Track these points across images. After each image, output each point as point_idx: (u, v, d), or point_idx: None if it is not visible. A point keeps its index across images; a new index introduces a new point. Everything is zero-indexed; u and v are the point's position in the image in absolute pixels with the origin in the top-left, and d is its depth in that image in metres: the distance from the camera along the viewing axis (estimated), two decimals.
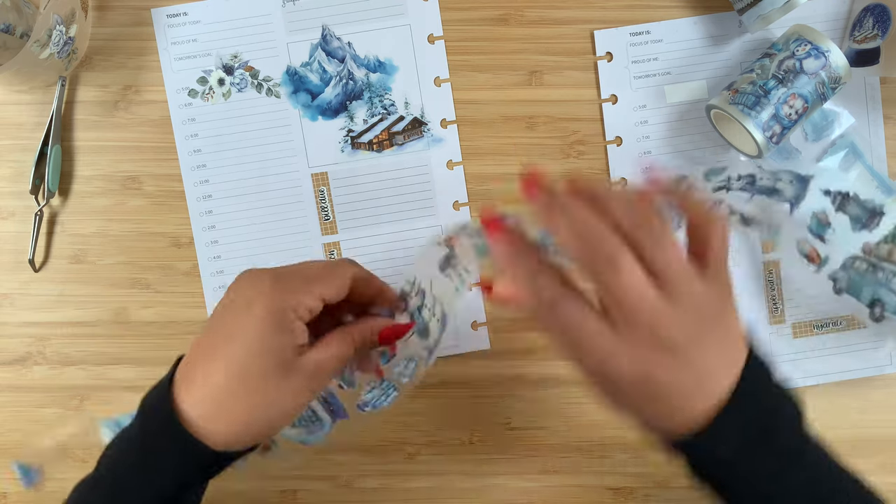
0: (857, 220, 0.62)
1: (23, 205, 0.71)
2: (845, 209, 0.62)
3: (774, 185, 0.62)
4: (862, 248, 0.62)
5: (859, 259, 0.63)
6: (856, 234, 0.62)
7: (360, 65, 0.71)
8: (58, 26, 0.64)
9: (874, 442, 0.72)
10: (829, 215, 0.62)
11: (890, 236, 0.61)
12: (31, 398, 0.72)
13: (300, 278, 0.49)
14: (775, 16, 0.66)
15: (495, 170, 0.72)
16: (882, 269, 0.62)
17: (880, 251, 0.62)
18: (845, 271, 0.64)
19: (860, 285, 0.63)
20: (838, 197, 0.61)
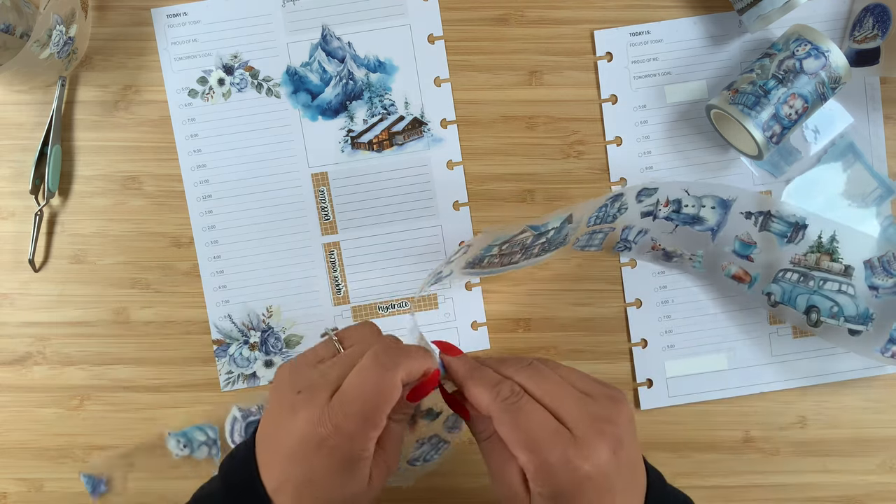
0: (783, 236, 0.66)
1: (23, 205, 0.71)
2: (768, 227, 0.64)
3: (698, 212, 0.65)
4: (790, 260, 0.66)
5: (790, 271, 0.66)
6: (783, 249, 0.66)
7: (360, 65, 0.71)
8: (58, 26, 0.64)
9: (874, 442, 0.72)
10: (753, 235, 0.65)
11: (815, 245, 0.65)
12: (31, 398, 0.72)
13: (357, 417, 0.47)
14: (775, 16, 0.66)
15: (495, 170, 0.72)
16: (812, 277, 0.65)
17: (809, 261, 0.65)
18: (778, 284, 0.67)
19: (794, 295, 0.66)
20: (760, 217, 0.64)
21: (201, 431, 0.71)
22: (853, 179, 0.70)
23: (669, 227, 0.68)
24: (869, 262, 0.65)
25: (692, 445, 0.73)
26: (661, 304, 0.72)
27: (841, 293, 0.65)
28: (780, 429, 0.73)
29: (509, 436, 0.46)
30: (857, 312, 0.65)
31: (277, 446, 0.49)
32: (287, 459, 0.48)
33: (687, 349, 0.72)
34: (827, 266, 0.65)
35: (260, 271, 0.72)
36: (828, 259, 0.64)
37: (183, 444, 0.71)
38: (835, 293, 0.65)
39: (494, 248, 0.63)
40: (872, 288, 0.65)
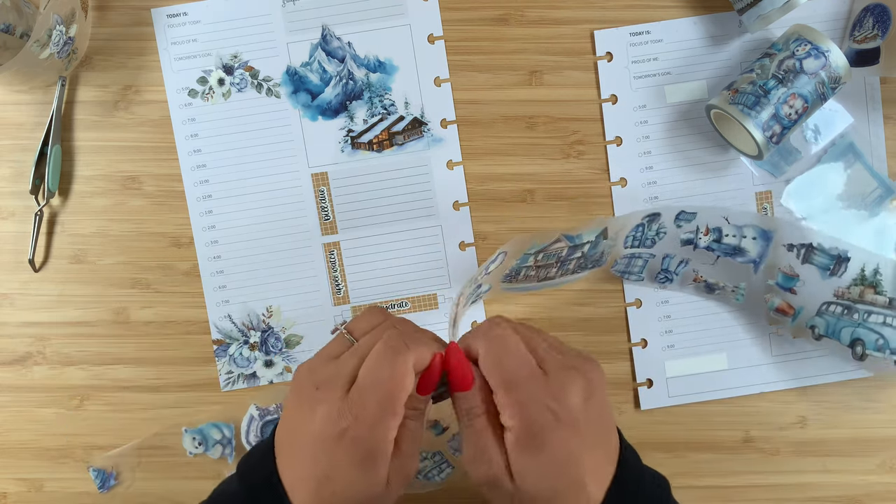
0: (825, 268, 0.65)
1: (23, 205, 0.71)
2: (811, 260, 0.64)
3: (740, 243, 0.64)
4: (833, 293, 0.65)
5: (833, 304, 0.66)
6: (826, 282, 0.65)
7: (360, 65, 0.71)
8: (58, 26, 0.64)
9: (874, 442, 0.72)
10: (796, 268, 0.65)
11: (859, 279, 0.64)
12: (31, 398, 0.72)
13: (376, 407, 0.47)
14: (775, 16, 0.66)
15: (495, 170, 0.72)
16: (856, 310, 0.65)
17: (852, 294, 0.65)
18: (822, 317, 0.66)
19: (838, 328, 0.66)
20: (802, 249, 0.63)
21: (217, 429, 0.71)
22: (853, 179, 0.70)
23: (711, 258, 0.68)
24: None
25: (692, 445, 0.73)
26: (661, 304, 0.72)
27: (886, 326, 0.64)
28: (780, 429, 0.73)
29: (492, 371, 0.48)
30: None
31: (297, 444, 0.49)
32: (307, 456, 0.48)
33: (687, 349, 0.72)
34: (871, 299, 0.64)
35: (260, 271, 0.72)
36: (871, 292, 0.64)
37: (198, 442, 0.71)
38: (880, 326, 0.64)
39: (530, 259, 0.63)
40: None
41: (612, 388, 0.73)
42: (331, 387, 0.48)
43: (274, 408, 0.71)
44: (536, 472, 0.47)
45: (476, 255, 0.72)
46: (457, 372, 0.50)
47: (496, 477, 0.48)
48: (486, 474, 0.48)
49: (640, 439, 0.72)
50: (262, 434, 0.71)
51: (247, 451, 0.56)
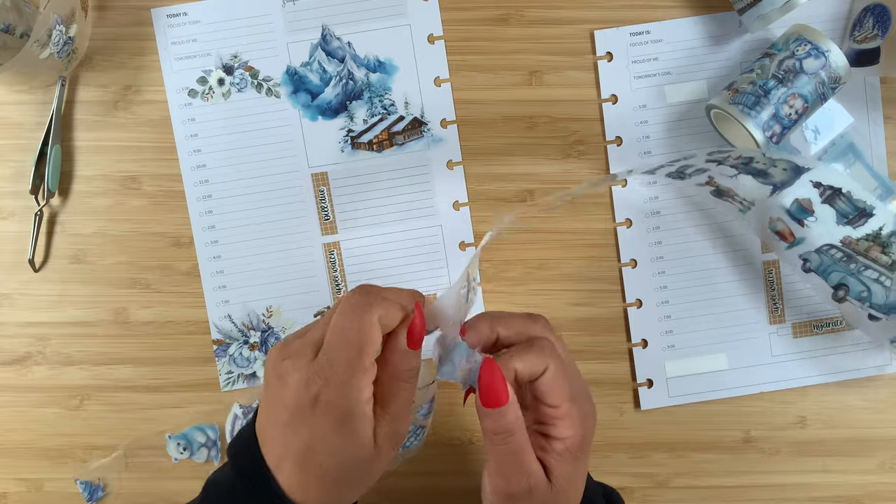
0: (844, 215, 0.64)
1: (23, 205, 0.71)
2: (833, 203, 0.64)
3: (767, 169, 0.64)
4: (842, 240, 0.65)
5: (836, 248, 0.65)
6: (839, 227, 0.64)
7: (360, 65, 0.71)
8: (58, 26, 0.64)
9: (874, 442, 0.72)
10: (815, 204, 0.64)
11: (873, 235, 0.63)
12: (31, 398, 0.72)
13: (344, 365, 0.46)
14: (775, 16, 0.66)
15: (495, 170, 0.72)
16: (856, 261, 0.65)
17: (860, 246, 0.64)
18: (819, 255, 0.66)
19: (830, 270, 0.66)
20: (828, 190, 0.63)
21: (201, 432, 0.71)
22: (853, 179, 0.70)
23: (732, 172, 0.67)
24: None
25: (692, 445, 0.73)
26: (662, 304, 0.72)
27: (877, 282, 0.64)
28: (780, 429, 0.73)
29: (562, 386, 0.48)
30: (885, 303, 0.64)
31: (275, 422, 0.48)
32: (284, 431, 0.47)
33: (687, 349, 0.72)
34: (875, 256, 0.64)
35: (260, 271, 0.72)
36: (878, 250, 0.64)
37: (182, 448, 0.71)
38: (871, 280, 0.65)
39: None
40: None
41: (612, 388, 0.73)
42: (299, 355, 0.47)
43: (258, 405, 0.71)
44: (578, 474, 0.50)
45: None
46: (492, 388, 0.47)
47: (535, 487, 0.48)
48: (524, 486, 0.48)
49: (641, 439, 0.72)
50: None
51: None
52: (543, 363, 0.48)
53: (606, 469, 0.73)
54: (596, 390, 0.72)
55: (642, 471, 0.73)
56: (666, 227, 0.72)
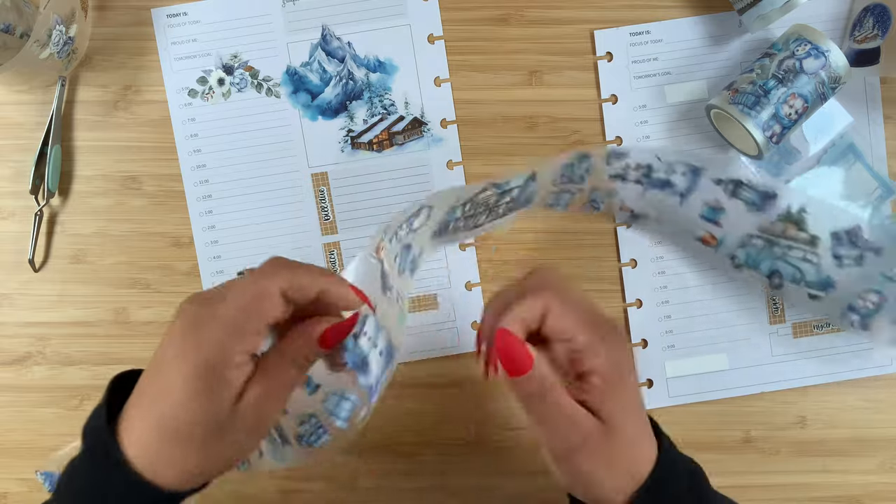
0: (752, 204, 0.64)
1: (23, 205, 0.71)
2: (738, 195, 0.64)
3: (668, 177, 0.64)
4: (758, 227, 0.65)
5: (756, 237, 0.65)
6: (752, 216, 0.64)
7: (360, 65, 0.71)
8: (58, 26, 0.64)
9: (874, 442, 0.72)
10: (723, 201, 0.65)
11: (784, 215, 0.63)
12: (31, 398, 0.72)
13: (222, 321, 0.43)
14: (775, 16, 0.66)
15: (495, 170, 0.72)
16: (778, 244, 0.64)
17: (776, 229, 0.64)
18: (743, 249, 0.66)
19: (758, 260, 0.66)
20: (730, 184, 0.64)
21: None
22: (853, 179, 0.70)
23: (639, 189, 0.67)
24: (836, 233, 0.63)
25: (692, 445, 0.73)
26: (662, 304, 0.72)
27: (805, 261, 0.64)
28: (780, 429, 0.73)
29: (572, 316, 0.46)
30: (819, 279, 0.64)
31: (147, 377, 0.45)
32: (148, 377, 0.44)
33: (687, 349, 0.72)
34: (793, 235, 0.63)
35: None
36: (794, 228, 0.63)
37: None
38: (798, 261, 0.64)
39: (458, 210, 0.59)
40: (837, 257, 0.64)
41: None
42: (194, 301, 0.44)
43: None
44: (630, 403, 0.47)
45: (476, 254, 0.72)
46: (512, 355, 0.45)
47: (588, 433, 0.46)
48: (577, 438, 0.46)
49: None
50: None
51: None
52: (541, 304, 0.46)
53: None
54: None
55: None
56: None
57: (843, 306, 0.64)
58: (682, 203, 0.67)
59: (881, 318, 0.63)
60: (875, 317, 0.64)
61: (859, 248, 0.63)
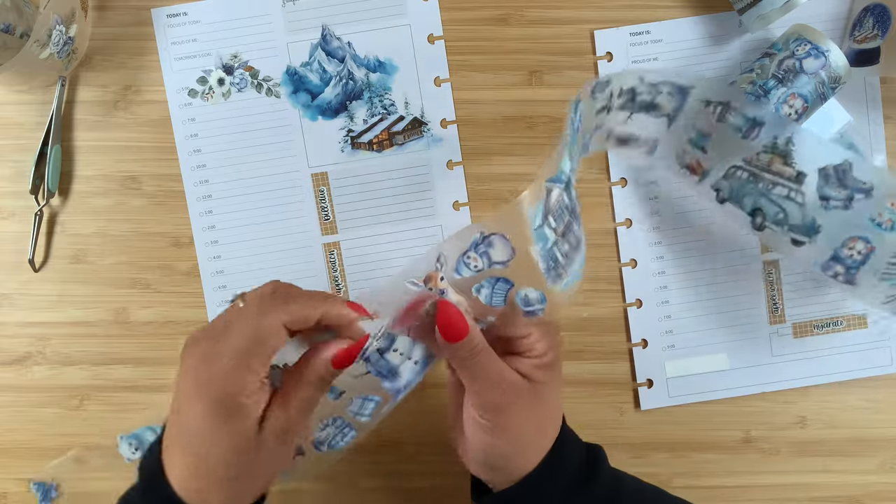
0: (738, 130, 0.61)
1: (23, 205, 0.71)
2: (725, 119, 0.61)
3: (654, 99, 0.62)
4: (744, 158, 0.62)
5: (740, 168, 0.62)
6: (737, 143, 0.61)
7: (360, 65, 0.71)
8: (58, 26, 0.64)
9: (874, 442, 0.72)
10: (711, 125, 0.61)
11: (770, 146, 0.60)
12: (31, 398, 0.72)
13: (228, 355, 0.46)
14: (775, 16, 0.66)
15: (495, 170, 0.72)
16: (762, 178, 0.61)
17: (761, 161, 0.61)
18: (727, 181, 0.63)
19: (741, 194, 0.63)
20: (718, 107, 0.61)
21: (152, 432, 0.70)
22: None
23: (623, 116, 0.64)
24: (824, 170, 0.60)
25: (692, 445, 0.73)
26: (662, 304, 0.72)
27: (789, 200, 0.61)
28: (780, 429, 0.73)
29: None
30: (803, 222, 0.61)
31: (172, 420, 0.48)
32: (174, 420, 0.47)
33: (687, 349, 0.72)
34: (778, 169, 0.60)
35: (260, 271, 0.72)
36: (780, 162, 0.60)
37: (135, 448, 0.70)
38: (783, 199, 0.61)
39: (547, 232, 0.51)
40: (823, 198, 0.60)
41: (612, 388, 0.73)
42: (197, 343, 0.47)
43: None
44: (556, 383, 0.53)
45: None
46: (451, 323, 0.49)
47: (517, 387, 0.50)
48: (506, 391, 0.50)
49: (641, 439, 0.72)
50: None
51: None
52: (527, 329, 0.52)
53: None
54: (596, 390, 0.72)
55: (642, 471, 0.73)
56: (666, 227, 0.72)
57: (826, 256, 0.61)
58: (670, 125, 0.64)
59: (867, 272, 0.60)
60: (861, 269, 0.60)
61: (848, 188, 0.59)
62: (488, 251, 0.50)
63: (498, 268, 0.50)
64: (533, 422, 0.52)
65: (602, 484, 0.53)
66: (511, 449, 0.51)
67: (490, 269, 0.50)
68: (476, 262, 0.51)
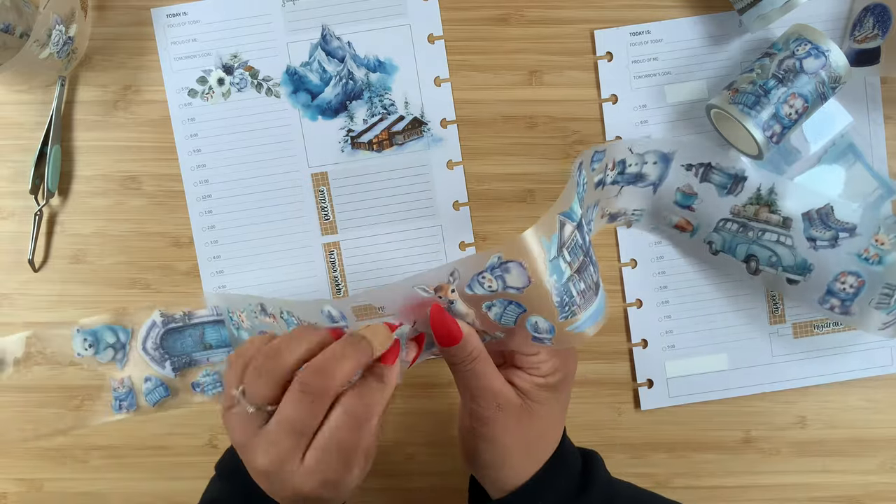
0: (723, 187, 0.66)
1: (22, 205, 0.71)
2: (709, 178, 0.65)
3: (641, 170, 0.65)
4: (730, 210, 0.66)
5: (730, 221, 0.67)
6: (723, 199, 0.66)
7: (359, 64, 0.71)
8: (57, 26, 0.64)
9: (874, 442, 0.72)
10: (694, 186, 0.66)
11: (755, 197, 0.65)
12: (31, 398, 0.72)
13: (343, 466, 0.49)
14: (775, 16, 0.66)
15: (495, 170, 0.72)
16: (751, 227, 0.66)
17: (748, 212, 0.66)
18: (718, 233, 0.68)
19: (734, 244, 0.67)
20: (700, 168, 0.65)
21: (111, 332, 0.70)
22: (853, 179, 0.70)
23: (615, 190, 0.68)
24: (807, 214, 0.65)
25: (692, 445, 0.73)
26: (662, 304, 0.72)
27: (779, 244, 0.65)
28: (780, 429, 0.73)
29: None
30: (795, 263, 0.65)
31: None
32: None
33: (687, 349, 0.72)
34: (765, 217, 0.65)
35: (260, 271, 0.71)
36: (766, 211, 0.65)
37: (88, 344, 0.69)
38: (773, 244, 0.66)
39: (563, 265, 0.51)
40: (810, 240, 0.66)
41: (612, 388, 0.73)
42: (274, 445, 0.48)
43: (180, 315, 0.70)
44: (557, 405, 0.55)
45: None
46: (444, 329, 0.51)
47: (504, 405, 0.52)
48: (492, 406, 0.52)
49: (641, 440, 0.72)
50: (161, 345, 0.70)
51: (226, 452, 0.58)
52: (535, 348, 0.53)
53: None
54: (596, 390, 0.72)
55: (642, 471, 0.73)
56: (666, 227, 0.72)
57: (821, 291, 0.66)
58: (656, 192, 0.68)
59: (862, 302, 0.65)
60: (855, 301, 0.65)
61: (832, 229, 0.64)
62: (504, 276, 0.50)
63: (512, 292, 0.50)
64: (520, 438, 0.53)
65: (597, 492, 0.54)
66: (496, 459, 0.53)
67: (503, 292, 0.50)
68: (491, 283, 0.50)
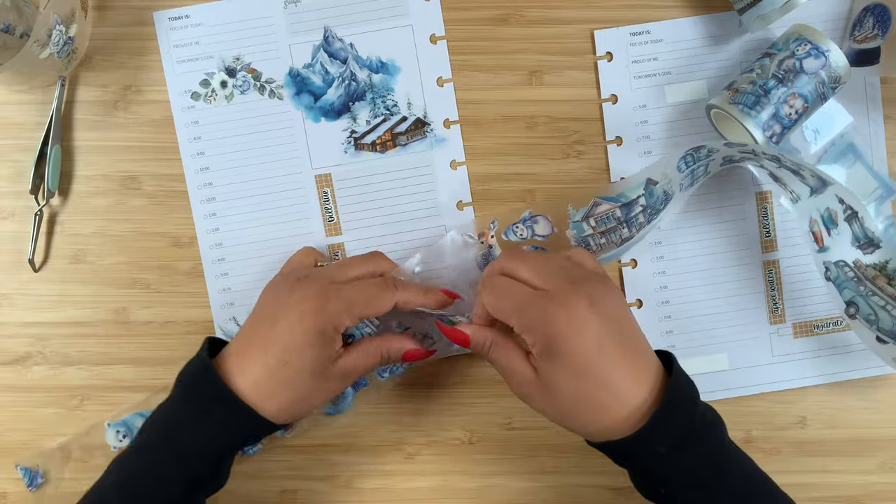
0: (857, 239, 0.65)
1: (23, 205, 0.71)
2: (851, 224, 0.65)
3: (798, 170, 0.64)
4: (853, 261, 0.66)
5: (849, 267, 0.66)
6: (853, 249, 0.66)
7: (362, 66, 0.71)
8: (58, 26, 0.64)
9: (874, 442, 0.73)
10: (839, 218, 0.66)
11: (880, 266, 0.65)
12: (31, 398, 0.72)
13: (345, 302, 0.58)
14: (775, 16, 0.66)
15: (498, 170, 0.72)
16: (865, 284, 0.66)
17: (867, 273, 0.66)
18: (837, 268, 0.67)
19: (843, 285, 0.67)
20: (849, 210, 0.64)
21: (142, 418, 0.70)
22: (853, 179, 0.71)
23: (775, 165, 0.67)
24: None
25: None
26: (662, 304, 0.72)
27: (884, 310, 0.65)
28: (780, 429, 0.73)
29: (496, 312, 0.57)
30: (892, 329, 0.65)
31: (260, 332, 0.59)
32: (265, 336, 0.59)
33: (687, 349, 0.72)
34: (881, 286, 0.65)
35: (264, 273, 0.71)
36: (884, 280, 0.65)
37: (122, 435, 0.70)
38: (878, 307, 0.65)
39: (585, 227, 0.69)
40: None
41: None
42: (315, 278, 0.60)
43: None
44: (560, 374, 0.54)
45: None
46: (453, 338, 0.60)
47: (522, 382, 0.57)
48: (516, 384, 0.57)
49: None
50: None
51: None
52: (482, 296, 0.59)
53: (607, 469, 0.72)
54: None
55: None
56: (666, 226, 0.72)
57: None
58: (812, 196, 0.67)
59: None
60: None
61: None
62: (533, 226, 0.70)
63: (539, 239, 0.70)
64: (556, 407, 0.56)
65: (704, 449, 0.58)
66: (562, 419, 0.57)
67: (531, 239, 0.70)
68: (522, 231, 0.70)
